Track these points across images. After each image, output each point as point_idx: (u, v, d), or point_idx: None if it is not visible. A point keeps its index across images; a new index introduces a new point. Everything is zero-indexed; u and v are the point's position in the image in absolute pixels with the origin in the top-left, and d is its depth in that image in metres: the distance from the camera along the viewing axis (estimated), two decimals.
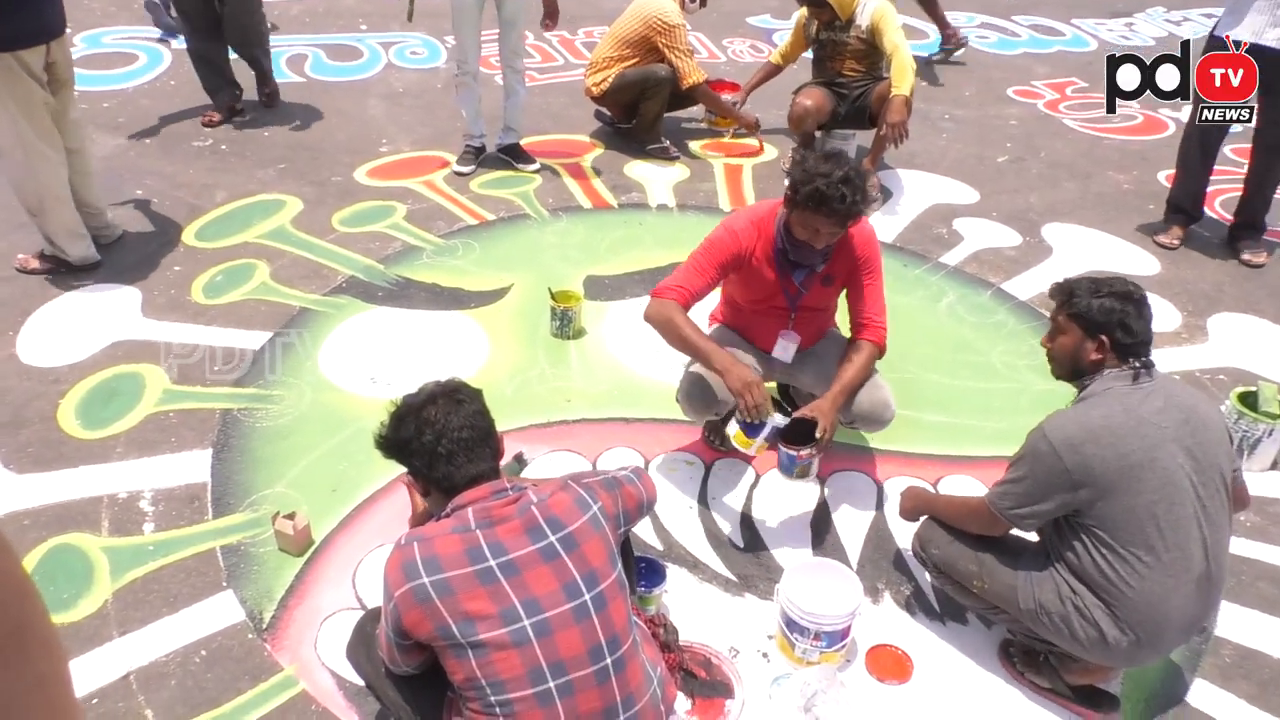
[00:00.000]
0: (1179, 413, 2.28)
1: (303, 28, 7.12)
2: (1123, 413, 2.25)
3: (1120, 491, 2.21)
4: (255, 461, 3.20)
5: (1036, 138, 6.09)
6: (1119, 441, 2.22)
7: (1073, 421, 2.28)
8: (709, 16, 7.57)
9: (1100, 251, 4.80)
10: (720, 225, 3.00)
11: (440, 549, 1.81)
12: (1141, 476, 2.21)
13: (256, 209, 4.73)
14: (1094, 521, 2.26)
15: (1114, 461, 2.21)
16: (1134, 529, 2.22)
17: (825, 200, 2.68)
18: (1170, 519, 2.22)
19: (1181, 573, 2.25)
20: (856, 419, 3.05)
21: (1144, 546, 2.23)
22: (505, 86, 5.13)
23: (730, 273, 2.99)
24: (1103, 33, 8.10)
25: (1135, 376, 2.32)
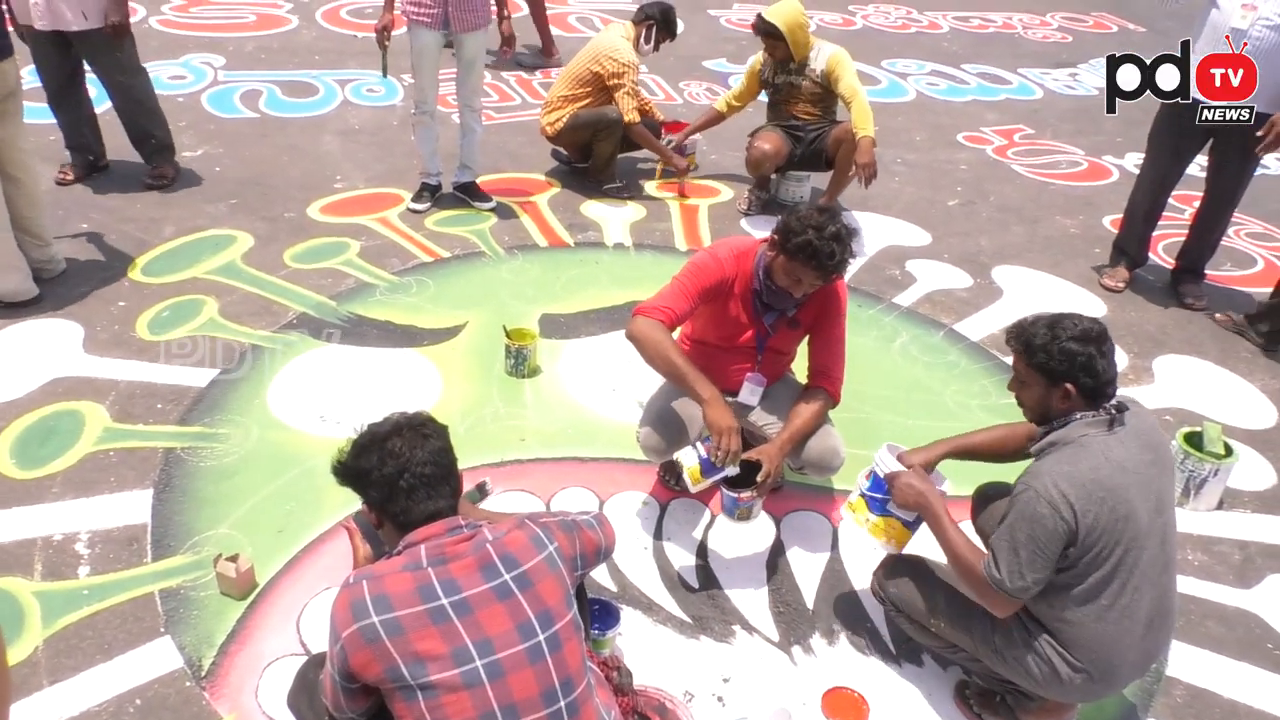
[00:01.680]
0: (1150, 453, 2.28)
1: (257, 63, 7.07)
2: (1107, 464, 2.20)
3: (1102, 543, 2.19)
4: (198, 502, 3.11)
5: (986, 182, 6.21)
6: (1110, 496, 2.17)
7: (1064, 479, 2.19)
8: (665, 60, 7.65)
9: (1049, 294, 4.89)
10: (704, 251, 2.98)
11: (390, 587, 1.76)
12: (1123, 528, 2.19)
13: (206, 244, 4.65)
14: (1063, 566, 2.23)
15: (1105, 516, 2.17)
16: (1102, 574, 2.21)
17: (815, 254, 2.67)
18: (1133, 562, 2.22)
19: (1136, 613, 2.26)
20: (806, 465, 3.04)
21: (1105, 590, 2.23)
22: (462, 125, 5.13)
23: (710, 300, 2.94)
24: (1048, 82, 8.33)
25: (1111, 424, 2.26)
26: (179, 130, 5.71)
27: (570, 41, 7.80)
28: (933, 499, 2.47)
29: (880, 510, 2.62)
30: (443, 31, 4.73)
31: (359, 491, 1.94)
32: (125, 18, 4.69)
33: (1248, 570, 3.26)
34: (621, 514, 3.22)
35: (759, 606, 2.93)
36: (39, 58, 4.76)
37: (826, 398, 3.00)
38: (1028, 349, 2.34)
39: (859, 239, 5.04)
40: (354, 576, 1.80)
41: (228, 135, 5.86)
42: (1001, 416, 3.84)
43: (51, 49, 4.69)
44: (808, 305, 2.98)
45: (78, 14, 4.56)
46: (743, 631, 2.84)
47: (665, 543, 3.13)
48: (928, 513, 2.47)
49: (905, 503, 2.53)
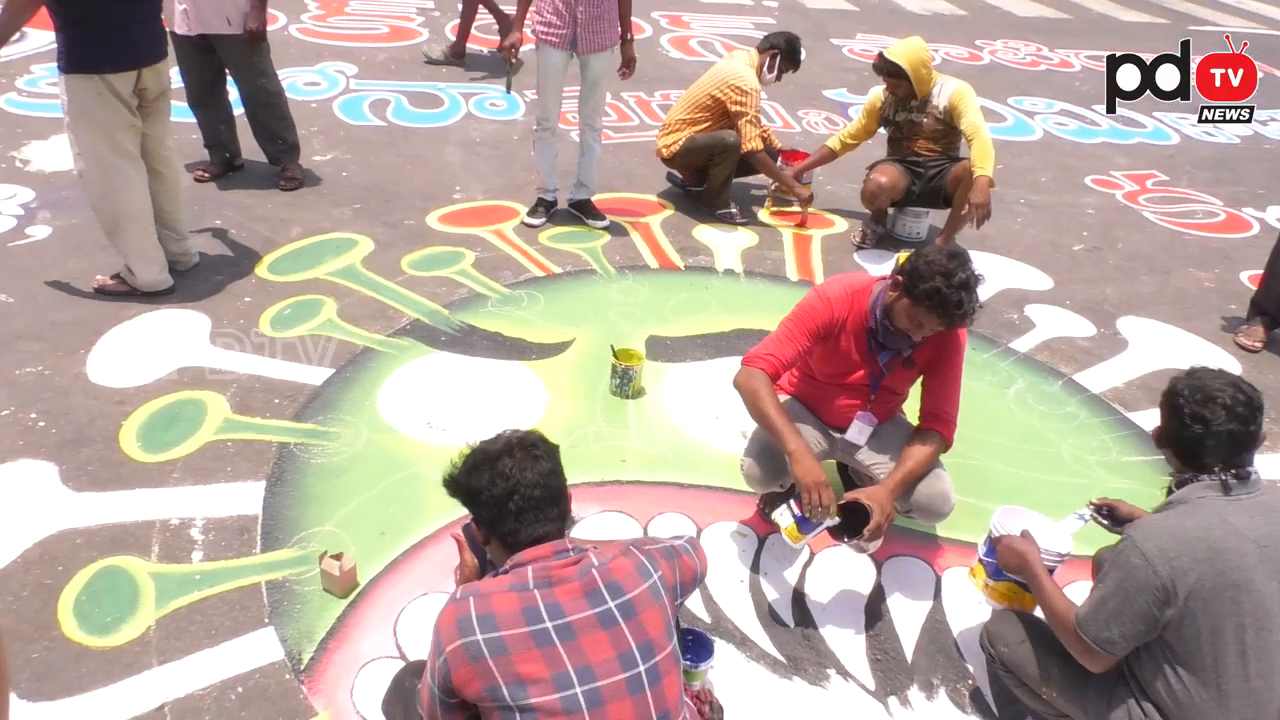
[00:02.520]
0: (1278, 530, 2.14)
1: (388, 74, 7.31)
2: (1220, 526, 2.10)
3: (1211, 612, 2.07)
4: (307, 498, 3.19)
5: (1114, 228, 5.98)
6: (1216, 557, 2.07)
7: (1165, 532, 2.12)
8: (786, 87, 7.62)
9: (1178, 349, 4.66)
10: (813, 291, 2.94)
11: (497, 606, 1.76)
12: (1236, 598, 2.07)
13: (329, 246, 4.81)
14: (1176, 640, 2.11)
15: (1210, 579, 2.06)
16: (1218, 652, 2.08)
17: (943, 302, 2.61)
18: (1258, 645, 2.08)
19: (1262, 704, 2.10)
20: (914, 509, 2.95)
21: (1224, 674, 2.09)
22: (581, 143, 5.19)
23: (821, 342, 2.92)
24: (1185, 128, 7.99)
25: (1226, 487, 2.16)
26: (310, 135, 5.94)
27: (691, 66, 7.84)
28: (1031, 559, 2.45)
29: (997, 575, 2.62)
30: (570, 52, 4.80)
31: (468, 507, 1.96)
32: (263, 25, 4.91)
33: None
34: (718, 544, 3.18)
35: (855, 652, 2.85)
36: (183, 60, 5.02)
37: (940, 441, 2.91)
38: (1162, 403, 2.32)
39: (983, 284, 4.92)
40: (461, 592, 1.81)
41: (356, 142, 6.06)
42: (1122, 475, 3.69)
43: (196, 52, 4.94)
44: (924, 346, 2.90)
45: (221, 20, 4.80)
46: (837, 676, 2.76)
47: (761, 577, 3.08)
48: (1027, 572, 2.45)
49: (1008, 566, 2.53)
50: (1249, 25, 12.00)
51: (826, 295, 2.89)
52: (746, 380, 2.82)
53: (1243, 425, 2.17)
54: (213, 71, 5.11)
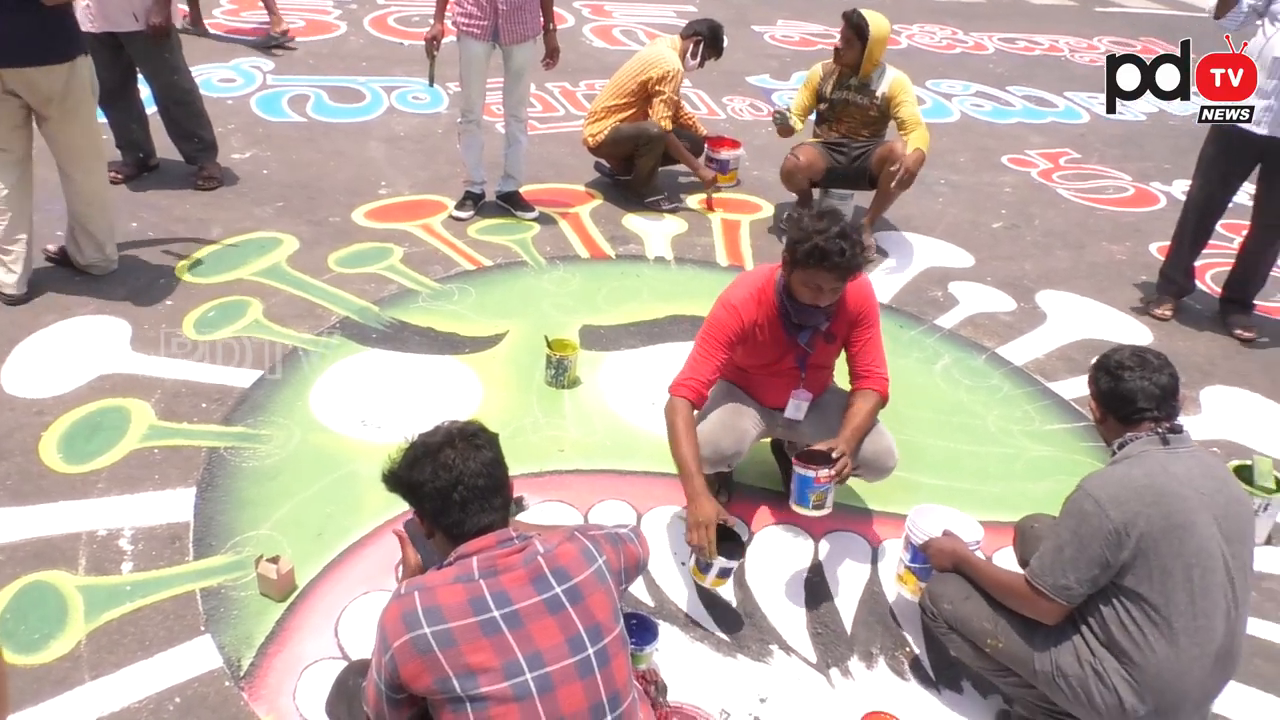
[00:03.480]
0: (1214, 481, 2.29)
1: (306, 68, 7.17)
2: (1163, 473, 2.25)
3: (1161, 552, 2.20)
4: (240, 502, 3.13)
5: (1031, 205, 6.15)
6: (1162, 500, 2.21)
7: (1115, 480, 2.27)
8: (709, 75, 7.66)
9: (1094, 320, 4.82)
10: (719, 303, 2.99)
11: (442, 599, 1.76)
12: (1182, 539, 2.20)
13: (252, 246, 4.71)
14: (1129, 582, 2.23)
15: (1158, 521, 2.20)
16: (1168, 592, 2.21)
17: (826, 256, 2.68)
18: (1203, 585, 2.21)
19: (1206, 643, 2.23)
20: (861, 466, 3.02)
21: (1174, 612, 2.21)
22: (507, 135, 5.16)
23: (740, 346, 2.98)
24: (1095, 106, 8.24)
25: (1164, 440, 2.31)
26: (228, 133, 5.81)
27: (615, 54, 7.84)
28: (966, 554, 2.60)
29: (927, 577, 2.72)
30: (492, 43, 4.77)
31: (410, 501, 1.94)
32: (166, 19, 4.77)
33: None
34: (659, 528, 3.21)
35: (796, 627, 2.91)
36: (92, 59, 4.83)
37: (876, 395, 3.02)
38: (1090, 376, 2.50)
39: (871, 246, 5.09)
40: (405, 587, 1.80)
41: (275, 139, 5.94)
42: (1044, 443, 3.81)
43: (104, 50, 4.77)
44: (839, 316, 2.98)
45: (128, 16, 4.66)
46: (780, 652, 2.81)
47: None
48: (965, 566, 2.58)
49: (943, 566, 2.65)
50: (1153, 6, 12.41)
51: (732, 303, 2.95)
52: (669, 412, 2.87)
53: (1169, 377, 2.38)
54: (122, 70, 4.95)
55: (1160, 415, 2.35)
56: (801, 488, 2.79)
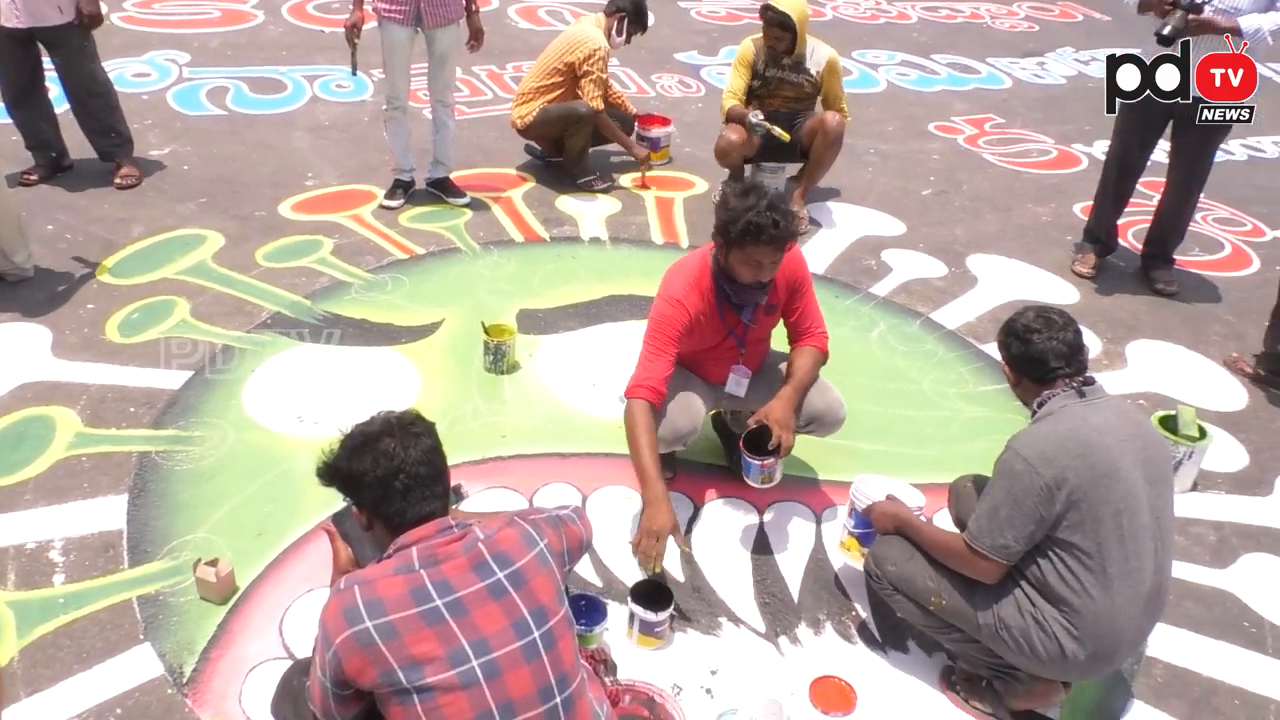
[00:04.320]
0: (1130, 426, 2.37)
1: (223, 60, 6.98)
2: (1084, 425, 2.32)
3: (1091, 501, 2.26)
4: (175, 506, 3.06)
5: (958, 172, 6.25)
6: (1087, 452, 2.27)
7: (1041, 437, 2.33)
8: (637, 53, 7.63)
9: (1023, 282, 4.92)
10: (661, 299, 2.97)
11: (383, 591, 1.74)
12: (1109, 486, 2.27)
13: (176, 244, 4.58)
14: (1063, 534, 2.29)
15: (1085, 472, 2.26)
16: (1100, 539, 2.27)
17: (760, 230, 2.68)
18: (1131, 529, 2.29)
19: (1138, 585, 2.32)
20: (811, 422, 3.07)
21: (1108, 557, 2.28)
22: (434, 120, 5.08)
23: (685, 340, 2.96)
24: (1016, 71, 8.38)
25: (1080, 394, 2.39)
26: (145, 129, 5.64)
27: (541, 35, 7.75)
28: (908, 517, 2.67)
29: (870, 542, 2.78)
30: (414, 27, 4.69)
31: (350, 494, 1.91)
32: (98, 8, 4.62)
33: (1223, 550, 3.30)
34: (604, 509, 3.21)
35: (744, 598, 2.94)
36: (3, 58, 4.66)
37: (816, 350, 3.06)
38: (999, 343, 2.57)
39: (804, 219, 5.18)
40: (344, 582, 1.78)
41: (195, 133, 5.78)
42: (978, 404, 3.89)
43: (16, 48, 4.60)
44: (776, 287, 2.99)
45: (52, 8, 4.49)
46: (729, 624, 2.84)
47: None
48: (907, 529, 2.63)
49: (886, 530, 2.69)
50: None
51: (675, 298, 2.93)
52: (629, 416, 2.85)
53: (1074, 333, 2.47)
54: (30, 68, 4.77)
55: (1072, 371, 2.42)
56: (751, 471, 2.87)
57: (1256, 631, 2.98)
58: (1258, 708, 2.73)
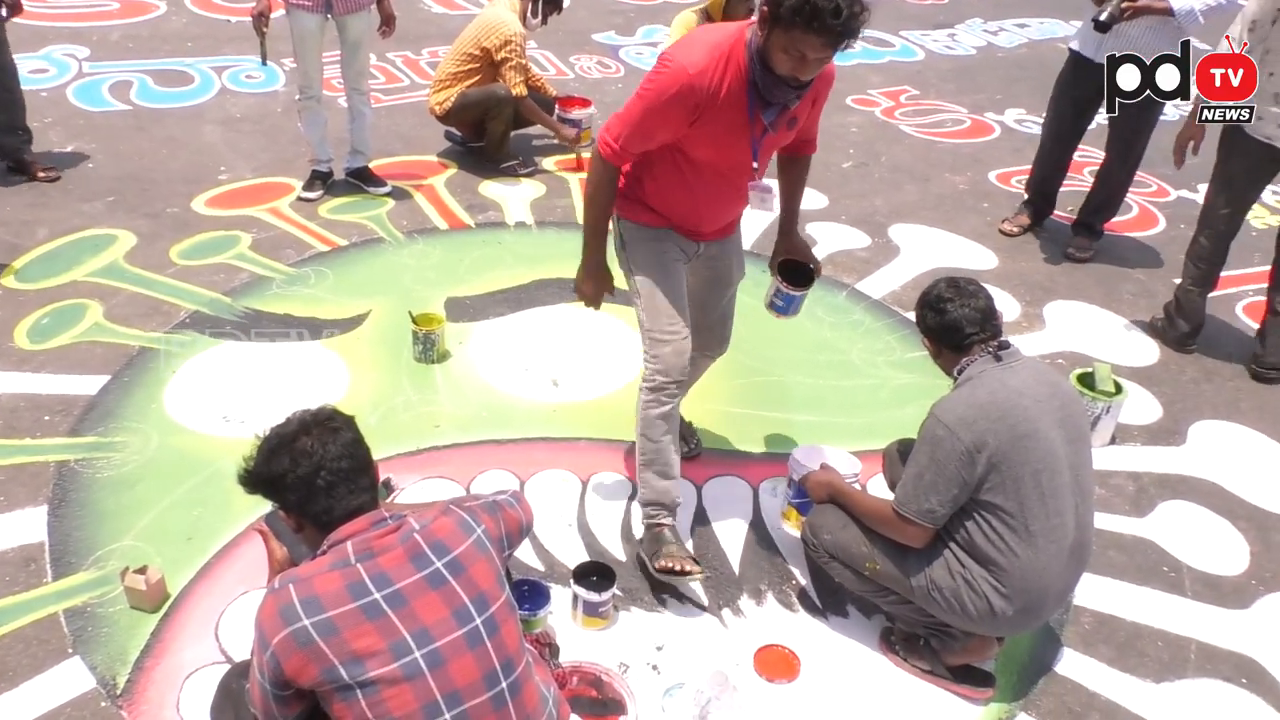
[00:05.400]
0: (1047, 387, 2.43)
1: (125, 53, 6.73)
2: (1002, 388, 2.37)
3: (1011, 463, 2.32)
4: (99, 515, 2.97)
5: (877, 143, 6.34)
6: (1007, 414, 2.33)
7: (961, 402, 2.39)
8: (554, 35, 7.57)
9: (943, 249, 5.03)
10: (668, 67, 2.36)
11: (319, 588, 1.71)
12: (1028, 447, 2.33)
13: (85, 245, 4.42)
14: (986, 496, 2.36)
15: (1005, 434, 2.32)
16: (1021, 499, 2.34)
17: (818, 15, 2.14)
18: (1051, 488, 2.36)
19: (1061, 540, 2.39)
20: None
21: (1030, 516, 2.35)
22: (350, 109, 4.98)
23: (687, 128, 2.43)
24: (928, 43, 8.53)
25: (997, 358, 2.44)
26: (45, 127, 5.43)
27: (456, 20, 7.64)
28: (840, 485, 2.72)
29: (807, 510, 2.82)
30: (324, 14, 4.58)
31: (273, 498, 1.86)
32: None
33: (1141, 500, 3.43)
34: (543, 493, 3.21)
35: None
36: None
37: (808, 160, 2.95)
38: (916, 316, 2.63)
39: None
40: (279, 582, 1.74)
41: (99, 129, 5.57)
42: (906, 371, 3.97)
43: None
44: (807, 95, 2.48)
45: None
46: (672, 599, 2.86)
47: (589, 519, 3.13)
48: (840, 497, 2.68)
49: (820, 498, 2.74)
50: None
51: (686, 67, 2.33)
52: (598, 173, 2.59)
53: (985, 299, 2.52)
54: None
55: (986, 335, 2.48)
56: (793, 303, 2.97)
57: (1175, 575, 3.11)
58: (1179, 647, 2.85)
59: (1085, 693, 2.68)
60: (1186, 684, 2.73)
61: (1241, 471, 3.59)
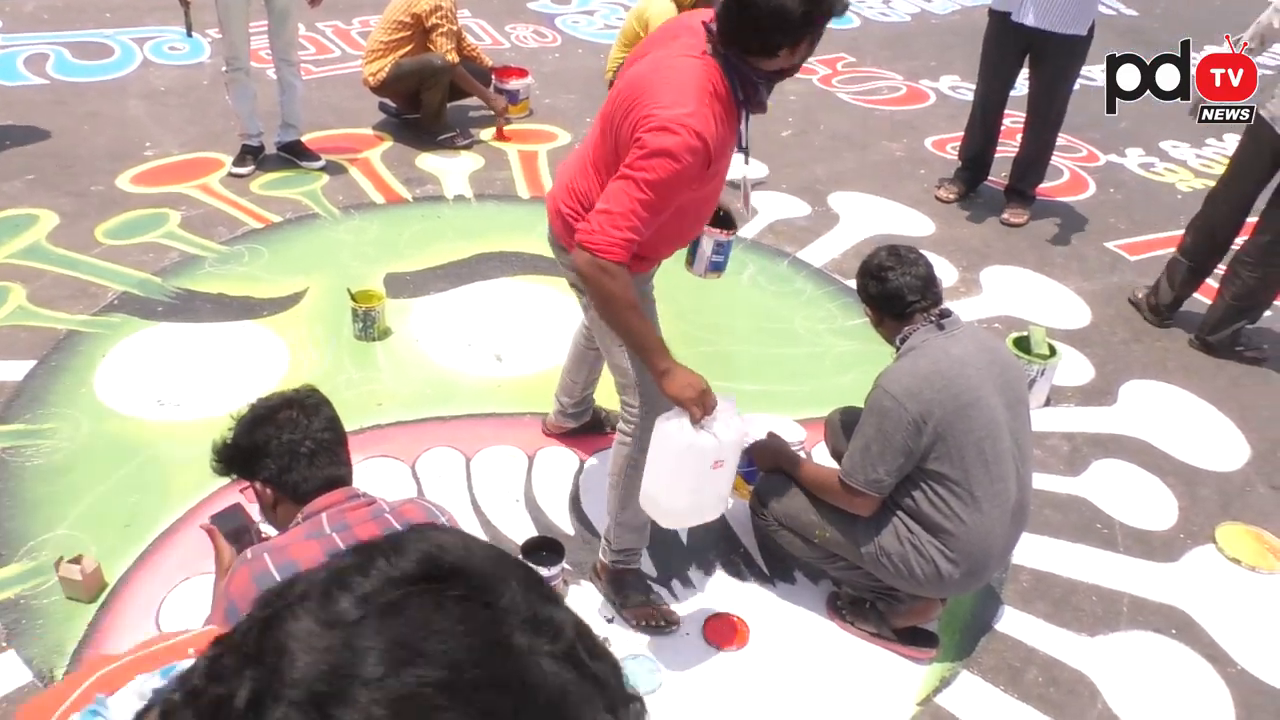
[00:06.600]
0: (987, 354, 2.48)
1: (40, 24, 6.46)
2: (945, 358, 2.41)
3: (956, 431, 2.36)
4: (29, 505, 2.88)
5: (815, 112, 6.36)
6: (950, 384, 2.37)
7: (906, 373, 2.41)
8: (489, 3, 7.47)
9: (882, 216, 5.08)
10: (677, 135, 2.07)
11: (296, 554, 1.71)
12: (971, 414, 2.37)
13: (3, 226, 4.25)
14: (931, 465, 2.40)
15: (949, 403, 2.35)
16: (966, 466, 2.38)
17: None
18: (994, 454, 2.41)
19: (1003, 503, 2.45)
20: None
21: (974, 483, 2.40)
22: (280, 81, 4.85)
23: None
24: (864, 10, 8.55)
25: (939, 326, 2.47)
26: None
27: None
28: (786, 453, 2.77)
29: (755, 480, 2.86)
30: None
31: (252, 469, 1.88)
32: None
33: (1075, 459, 3.53)
34: (489, 469, 3.19)
35: None
36: None
37: None
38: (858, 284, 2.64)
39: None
40: (251, 553, 1.74)
41: (14, 105, 5.35)
42: (848, 338, 4.01)
43: None
44: None
45: None
46: None
47: (535, 494, 3.13)
48: (787, 465, 2.72)
49: (766, 465, 2.78)
50: None
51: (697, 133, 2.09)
52: (616, 280, 2.17)
53: (925, 267, 2.55)
54: None
55: (927, 303, 2.50)
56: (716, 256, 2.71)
57: (1108, 532, 3.21)
58: (1112, 601, 2.95)
59: (1024, 648, 2.76)
60: (1120, 636, 2.83)
61: (1169, 429, 3.70)
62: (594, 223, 2.15)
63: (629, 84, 2.23)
